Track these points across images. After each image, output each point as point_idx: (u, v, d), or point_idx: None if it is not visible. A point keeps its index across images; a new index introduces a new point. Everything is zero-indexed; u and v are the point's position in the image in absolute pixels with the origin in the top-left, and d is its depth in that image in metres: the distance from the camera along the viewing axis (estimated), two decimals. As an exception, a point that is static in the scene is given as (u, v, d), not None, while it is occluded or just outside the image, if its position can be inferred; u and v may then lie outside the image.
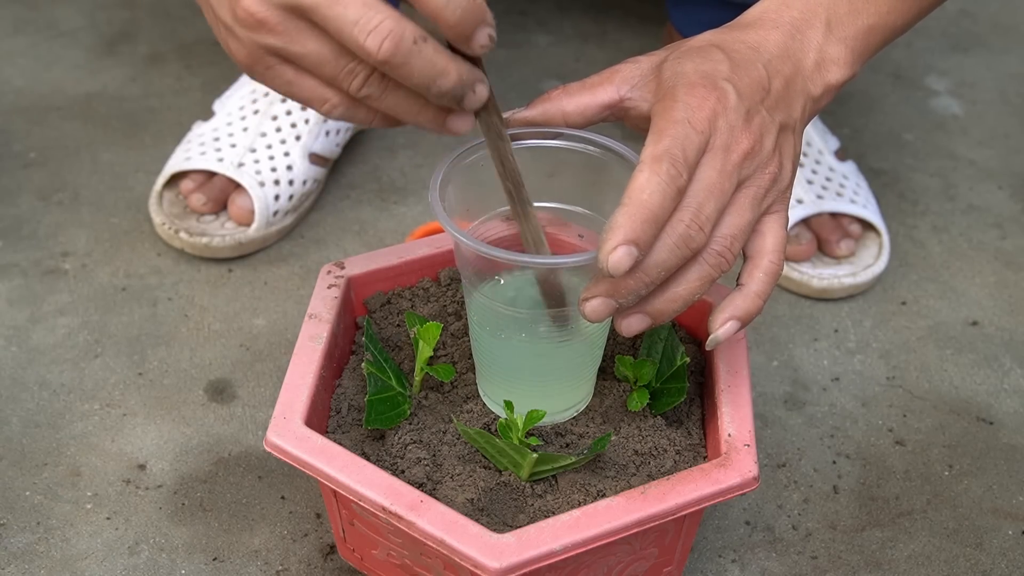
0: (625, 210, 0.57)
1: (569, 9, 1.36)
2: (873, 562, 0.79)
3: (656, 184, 0.57)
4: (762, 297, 0.64)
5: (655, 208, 0.57)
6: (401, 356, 0.74)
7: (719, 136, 0.60)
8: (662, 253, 0.59)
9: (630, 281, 0.59)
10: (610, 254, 0.56)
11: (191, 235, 0.99)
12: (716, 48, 0.63)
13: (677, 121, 0.59)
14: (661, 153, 0.58)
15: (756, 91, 0.62)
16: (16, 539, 0.79)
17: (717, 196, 0.60)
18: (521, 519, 0.65)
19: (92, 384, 0.90)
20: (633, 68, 0.65)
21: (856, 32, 0.66)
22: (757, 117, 0.62)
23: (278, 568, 0.77)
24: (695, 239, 0.59)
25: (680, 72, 0.62)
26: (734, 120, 0.61)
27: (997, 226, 1.07)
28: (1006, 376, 0.93)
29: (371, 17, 0.54)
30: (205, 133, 1.04)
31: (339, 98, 0.58)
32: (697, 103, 0.60)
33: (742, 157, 0.61)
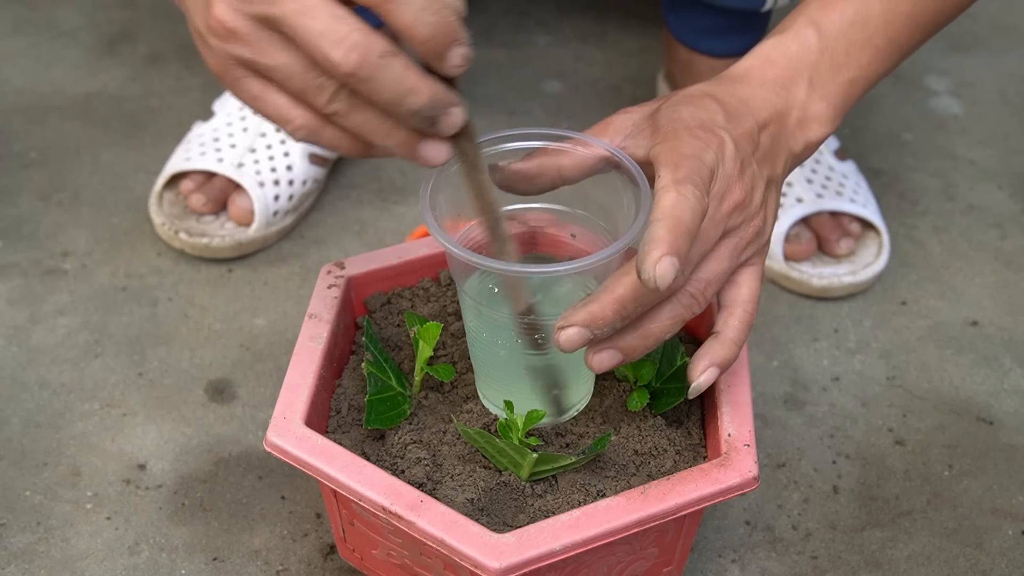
0: (664, 224, 0.56)
1: (569, 9, 1.36)
2: (873, 562, 0.79)
3: (686, 203, 0.57)
4: (738, 344, 0.65)
5: (690, 224, 0.57)
6: (401, 356, 0.74)
7: (716, 183, 0.61)
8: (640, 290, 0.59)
9: (608, 313, 0.59)
10: (656, 264, 0.56)
11: (191, 235, 0.99)
12: (710, 98, 0.64)
13: (688, 156, 0.60)
14: (683, 178, 0.58)
15: (748, 143, 0.63)
16: (16, 539, 0.79)
17: (702, 243, 0.61)
18: (521, 519, 0.65)
19: (92, 384, 0.90)
20: (625, 119, 0.66)
21: (837, 88, 0.67)
22: (749, 169, 0.63)
23: (278, 568, 0.77)
24: (676, 282, 0.60)
25: (678, 118, 0.62)
26: (730, 169, 0.62)
27: (997, 226, 1.07)
28: (1006, 376, 0.93)
29: (338, 29, 0.52)
30: (205, 133, 1.04)
31: (305, 118, 0.56)
32: (702, 145, 0.61)
33: (732, 207, 0.62)
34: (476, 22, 1.33)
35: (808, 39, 0.67)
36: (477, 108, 1.19)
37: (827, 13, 0.67)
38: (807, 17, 0.68)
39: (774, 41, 0.67)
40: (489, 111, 1.19)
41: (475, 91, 1.22)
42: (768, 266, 0.99)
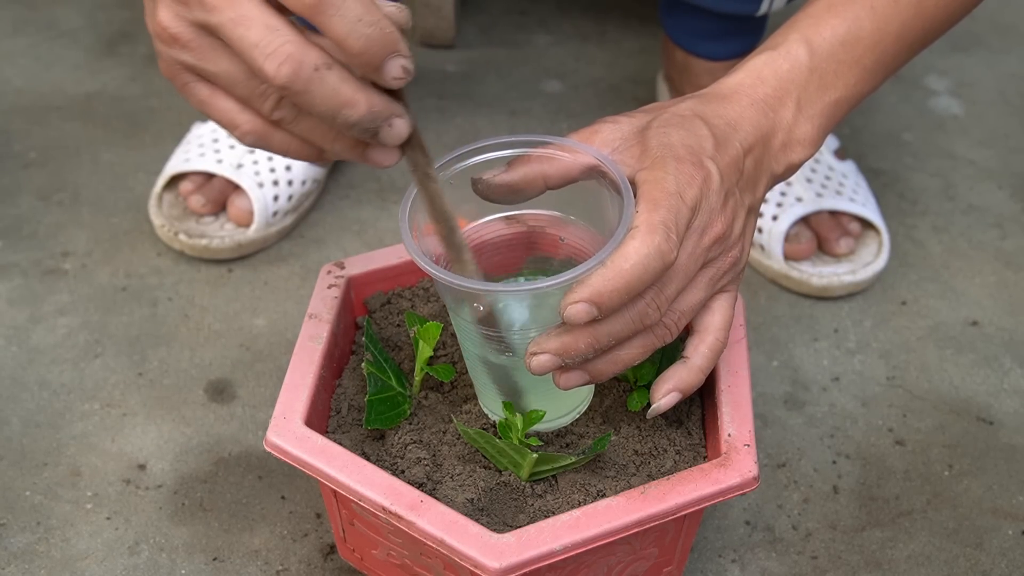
0: (603, 272, 0.57)
1: (569, 9, 1.36)
2: (873, 562, 0.79)
3: (643, 255, 0.57)
4: (703, 371, 0.65)
5: (633, 281, 0.57)
6: (401, 356, 0.74)
7: (699, 217, 0.61)
8: (617, 324, 0.59)
9: (580, 344, 0.59)
10: (571, 305, 0.57)
11: (190, 237, 0.99)
12: (700, 121, 0.64)
13: (671, 193, 0.59)
14: (657, 224, 0.58)
15: (733, 172, 0.63)
16: (16, 539, 0.79)
17: (681, 278, 0.61)
18: (521, 519, 0.65)
19: (92, 384, 0.90)
20: (613, 130, 0.65)
21: (823, 108, 0.67)
22: (731, 200, 0.63)
23: (278, 568, 0.77)
24: (651, 316, 0.60)
25: (668, 144, 0.62)
26: (714, 203, 0.61)
27: (997, 226, 1.07)
28: (1006, 376, 0.93)
29: (271, 40, 0.51)
30: (204, 135, 1.04)
31: (252, 123, 0.55)
32: (687, 179, 0.60)
33: (713, 241, 0.62)
34: (476, 22, 1.33)
35: (799, 58, 0.67)
36: (477, 108, 1.19)
37: (819, 31, 0.67)
38: (799, 34, 0.67)
39: (765, 58, 0.67)
40: (489, 111, 1.19)
41: (475, 91, 1.22)
42: (768, 266, 0.99)
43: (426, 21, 1.27)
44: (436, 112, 1.19)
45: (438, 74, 1.24)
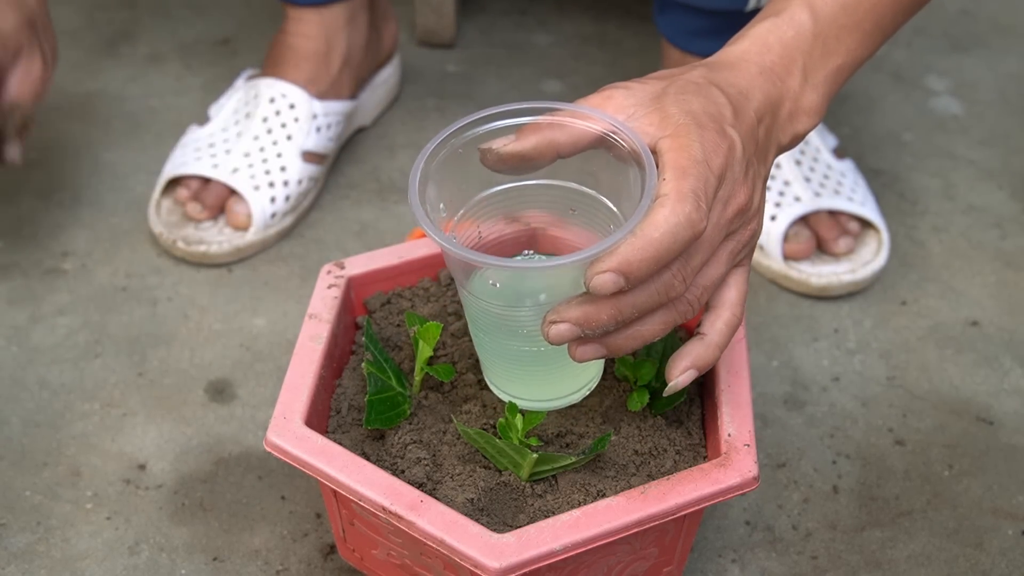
0: (632, 242, 0.56)
1: (569, 9, 1.36)
2: (873, 562, 0.79)
3: (673, 225, 0.56)
4: (720, 348, 0.64)
5: (663, 250, 0.56)
6: (401, 356, 0.74)
7: (724, 187, 0.59)
8: (641, 296, 0.58)
9: (603, 316, 0.58)
10: (598, 275, 0.56)
11: (188, 244, 0.99)
12: (717, 89, 0.62)
13: (698, 161, 0.58)
14: (687, 192, 0.57)
15: (751, 142, 0.62)
16: (16, 539, 0.79)
17: (706, 250, 0.60)
18: (521, 519, 0.65)
19: (92, 384, 0.90)
20: (627, 96, 0.63)
21: (827, 75, 0.66)
22: (751, 170, 0.62)
23: (278, 568, 0.77)
24: (676, 289, 0.59)
25: (690, 111, 0.60)
26: (737, 173, 0.60)
27: (997, 226, 1.07)
28: (1006, 376, 0.93)
29: None
30: (200, 138, 1.04)
31: None
32: (712, 147, 0.59)
33: (735, 212, 0.61)
34: (476, 22, 1.33)
35: (803, 24, 0.66)
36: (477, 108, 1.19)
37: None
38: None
39: (769, 24, 0.66)
40: (489, 111, 1.19)
41: (475, 91, 1.22)
42: (767, 266, 0.99)
43: (426, 21, 1.27)
44: (436, 112, 1.19)
45: (438, 74, 1.24)
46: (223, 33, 1.28)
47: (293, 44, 1.07)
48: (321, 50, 1.06)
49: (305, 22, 1.07)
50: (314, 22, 1.06)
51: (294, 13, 1.07)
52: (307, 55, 1.06)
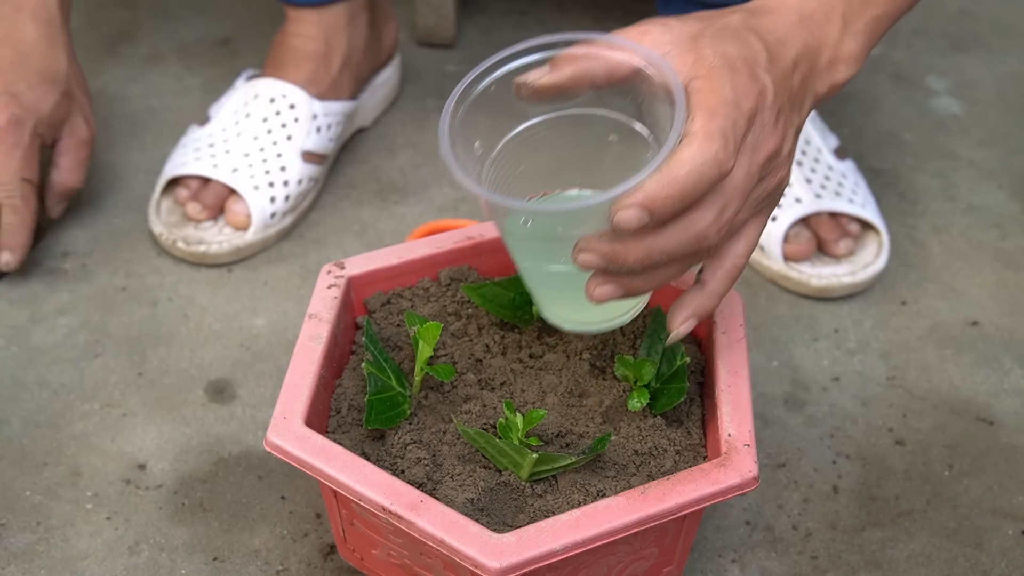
0: (658, 178, 0.55)
1: (569, 9, 1.36)
2: (873, 562, 0.79)
3: (700, 163, 0.56)
4: (719, 296, 0.63)
5: (688, 188, 0.56)
6: (401, 356, 0.74)
7: (754, 132, 0.59)
8: (673, 244, 0.58)
9: (630, 257, 0.58)
10: (622, 210, 0.55)
11: (188, 244, 0.98)
12: (753, 35, 0.62)
13: (728, 102, 0.57)
14: (715, 131, 0.56)
15: (784, 89, 0.61)
16: (16, 539, 0.79)
17: (740, 197, 0.59)
18: (521, 519, 0.65)
19: (92, 384, 0.90)
20: (664, 32, 0.62)
21: (866, 24, 0.65)
22: (783, 117, 0.61)
23: (278, 568, 0.77)
24: (710, 240, 0.58)
25: (724, 53, 0.60)
26: (768, 119, 0.60)
27: (997, 226, 1.07)
28: (1006, 376, 0.93)
29: None
30: (200, 138, 1.04)
31: None
32: (744, 90, 0.58)
33: (766, 159, 0.60)
34: (476, 22, 1.33)
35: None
36: (477, 108, 1.19)
37: None
38: None
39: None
40: (489, 111, 1.19)
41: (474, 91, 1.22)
42: (767, 266, 0.99)
43: (426, 21, 1.27)
44: (436, 112, 1.18)
45: (438, 74, 1.24)
46: (223, 33, 1.28)
47: (293, 44, 1.07)
48: (321, 50, 1.06)
49: (305, 22, 1.07)
50: (314, 23, 1.06)
51: (294, 14, 1.07)
52: (307, 55, 1.06)
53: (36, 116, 0.93)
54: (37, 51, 0.94)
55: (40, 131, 0.94)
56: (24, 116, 0.92)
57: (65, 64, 0.96)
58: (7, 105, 0.91)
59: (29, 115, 0.92)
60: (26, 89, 0.93)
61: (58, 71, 0.95)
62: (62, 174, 0.97)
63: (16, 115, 0.91)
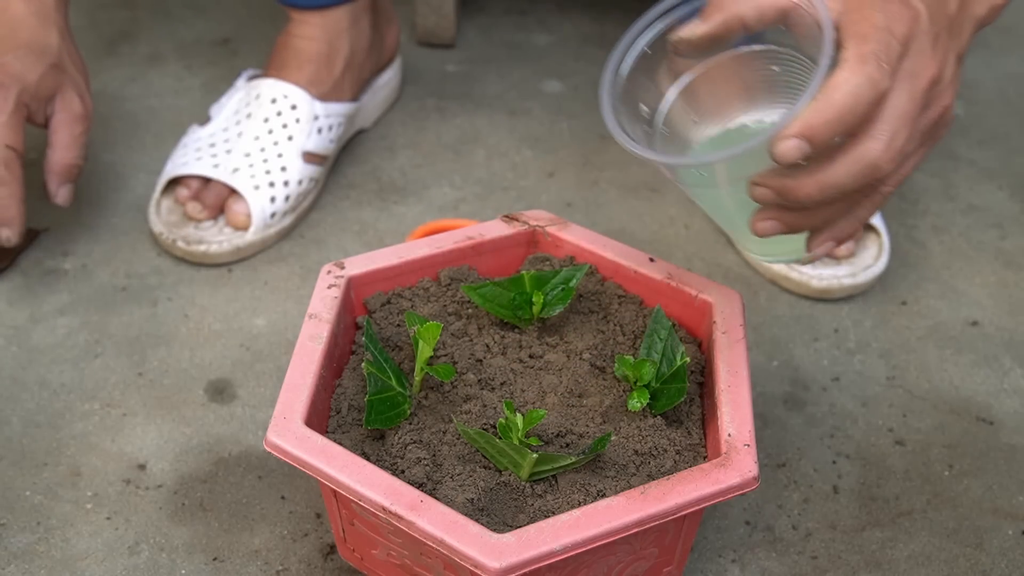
0: (814, 105, 0.55)
1: (569, 9, 1.36)
2: (873, 562, 0.79)
3: (854, 85, 0.56)
4: (861, 222, 0.63)
5: (844, 109, 0.56)
6: (401, 356, 0.74)
7: (910, 59, 0.58)
8: (845, 176, 0.58)
9: (802, 192, 0.58)
10: (781, 141, 0.56)
11: (188, 243, 0.98)
12: None
13: (879, 28, 0.57)
14: (867, 54, 0.56)
15: (941, 15, 0.60)
16: (16, 539, 0.79)
17: (909, 125, 0.58)
18: (521, 519, 0.65)
19: (92, 384, 0.90)
20: None
21: None
22: (941, 42, 0.60)
23: (278, 568, 0.77)
24: (883, 168, 0.58)
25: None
26: (923, 44, 0.59)
27: (997, 226, 1.07)
28: (1006, 376, 0.93)
29: None
30: (201, 138, 1.04)
31: None
32: (896, 16, 0.58)
33: (928, 84, 0.59)
34: (476, 22, 1.33)
35: None
36: (477, 108, 1.19)
37: None
38: None
39: None
40: (489, 111, 1.19)
41: (475, 91, 1.22)
42: (768, 266, 0.99)
43: (426, 21, 1.27)
44: (436, 112, 1.19)
45: (438, 74, 1.24)
46: (223, 33, 1.28)
47: (296, 46, 1.07)
48: (324, 52, 1.06)
49: (308, 24, 1.07)
50: (317, 24, 1.06)
51: (297, 15, 1.07)
52: (310, 57, 1.06)
53: (21, 84, 0.90)
54: (26, 26, 0.92)
55: (26, 100, 0.91)
56: (8, 82, 0.89)
57: (57, 40, 0.94)
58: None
59: (13, 81, 0.90)
60: (12, 59, 0.90)
61: (47, 43, 0.93)
62: (57, 152, 0.94)
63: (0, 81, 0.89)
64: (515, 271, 0.80)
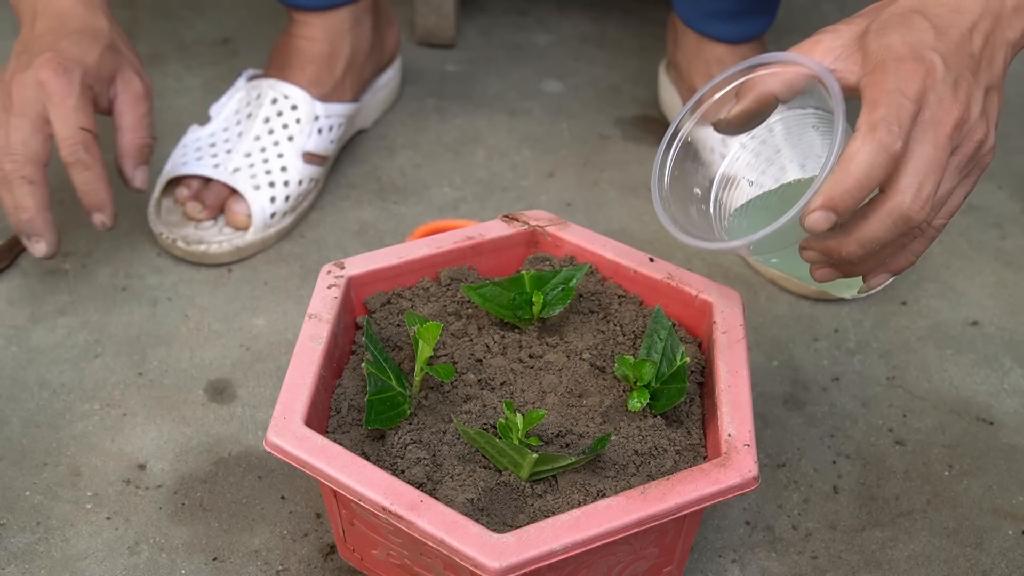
0: (832, 178, 0.60)
1: (569, 9, 1.36)
2: (873, 562, 0.79)
3: (867, 152, 0.60)
4: (916, 255, 0.67)
5: (861, 177, 0.60)
6: (401, 356, 0.74)
7: (929, 110, 0.61)
8: (879, 231, 0.62)
9: (844, 251, 0.63)
10: (808, 215, 0.61)
11: (188, 243, 0.98)
12: (918, 15, 0.64)
13: (890, 91, 0.61)
14: (877, 121, 0.60)
15: (961, 57, 0.63)
16: (16, 539, 0.79)
17: (936, 172, 0.61)
18: (521, 519, 0.65)
19: (92, 384, 0.90)
20: (834, 39, 0.66)
21: None
22: (964, 84, 0.63)
23: (278, 568, 0.77)
24: (915, 218, 0.61)
25: (887, 45, 0.63)
26: (942, 92, 0.62)
27: (997, 226, 1.07)
28: (1006, 376, 0.93)
29: (13, 145, 0.86)
30: (201, 138, 1.04)
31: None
32: (907, 75, 0.61)
33: (952, 128, 0.62)
34: (476, 22, 1.33)
35: None
36: (477, 108, 1.19)
37: None
38: None
39: None
40: (489, 111, 1.19)
41: (475, 91, 1.22)
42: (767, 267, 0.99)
43: (426, 21, 1.27)
44: (436, 112, 1.19)
45: (438, 74, 1.24)
46: (223, 33, 1.28)
47: (297, 46, 1.07)
48: (325, 53, 1.06)
49: (310, 25, 1.07)
50: (319, 25, 1.06)
51: (299, 16, 1.07)
52: (311, 58, 1.06)
53: (82, 66, 0.89)
54: (74, 14, 0.92)
55: (89, 82, 0.90)
56: (70, 66, 0.88)
57: (106, 23, 0.94)
58: (51, 58, 0.88)
59: (75, 64, 0.89)
60: (68, 44, 0.90)
61: (99, 27, 0.93)
62: (127, 134, 0.93)
63: (62, 65, 0.88)
64: (515, 271, 0.80)
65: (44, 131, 0.88)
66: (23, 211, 0.87)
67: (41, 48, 0.89)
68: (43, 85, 0.87)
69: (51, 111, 0.88)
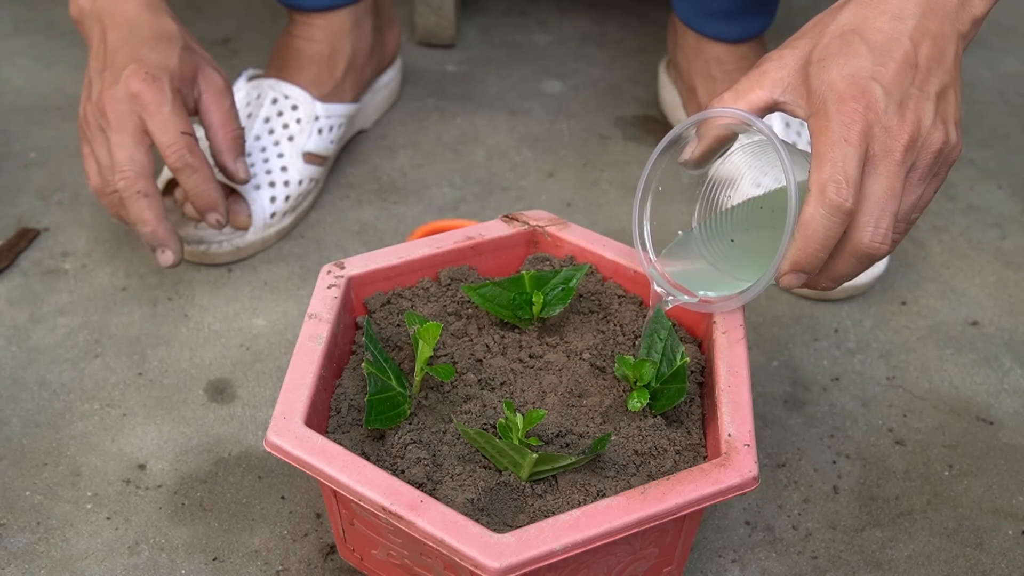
0: (794, 243, 0.64)
1: (569, 9, 1.36)
2: (873, 562, 0.79)
3: (821, 216, 0.63)
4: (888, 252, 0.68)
5: (820, 239, 0.63)
6: (401, 356, 0.74)
7: (876, 143, 0.63)
8: (847, 267, 0.66)
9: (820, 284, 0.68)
10: (782, 278, 0.66)
11: (188, 243, 0.98)
12: (855, 35, 0.64)
13: (834, 143, 0.62)
14: (824, 182, 0.62)
15: (904, 75, 0.64)
16: (16, 539, 0.79)
17: (892, 202, 0.63)
18: (521, 519, 0.65)
19: (92, 384, 0.90)
20: (779, 68, 0.67)
21: None
22: (910, 103, 0.64)
23: (278, 568, 0.77)
24: (878, 252, 0.64)
25: (827, 82, 0.64)
26: (887, 121, 0.63)
27: (997, 226, 1.07)
28: (1006, 376, 0.93)
29: (122, 161, 0.87)
30: (200, 138, 1.04)
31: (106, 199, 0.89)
32: (848, 119, 0.62)
33: (904, 152, 0.63)
34: (476, 22, 1.33)
35: None
36: (477, 108, 1.19)
37: None
38: None
39: None
40: (489, 111, 1.19)
41: (475, 91, 1.22)
42: (768, 266, 1.00)
43: (426, 21, 1.27)
44: (436, 112, 1.19)
45: (438, 74, 1.24)
46: (223, 33, 1.28)
47: (298, 47, 1.07)
48: (326, 54, 1.06)
49: (311, 26, 1.07)
50: (320, 27, 1.06)
51: (300, 17, 1.07)
52: (312, 58, 1.06)
53: (168, 72, 0.90)
54: (144, 21, 0.92)
55: (176, 86, 0.90)
56: (158, 73, 0.89)
57: (175, 25, 0.93)
58: (137, 69, 0.88)
59: (161, 71, 0.89)
60: (147, 51, 0.90)
61: (171, 30, 0.93)
62: (219, 130, 0.94)
63: (150, 74, 0.88)
64: (515, 271, 0.80)
65: (145, 143, 0.88)
66: (144, 224, 0.88)
67: (123, 61, 0.89)
68: (136, 97, 0.88)
69: (148, 121, 0.88)
